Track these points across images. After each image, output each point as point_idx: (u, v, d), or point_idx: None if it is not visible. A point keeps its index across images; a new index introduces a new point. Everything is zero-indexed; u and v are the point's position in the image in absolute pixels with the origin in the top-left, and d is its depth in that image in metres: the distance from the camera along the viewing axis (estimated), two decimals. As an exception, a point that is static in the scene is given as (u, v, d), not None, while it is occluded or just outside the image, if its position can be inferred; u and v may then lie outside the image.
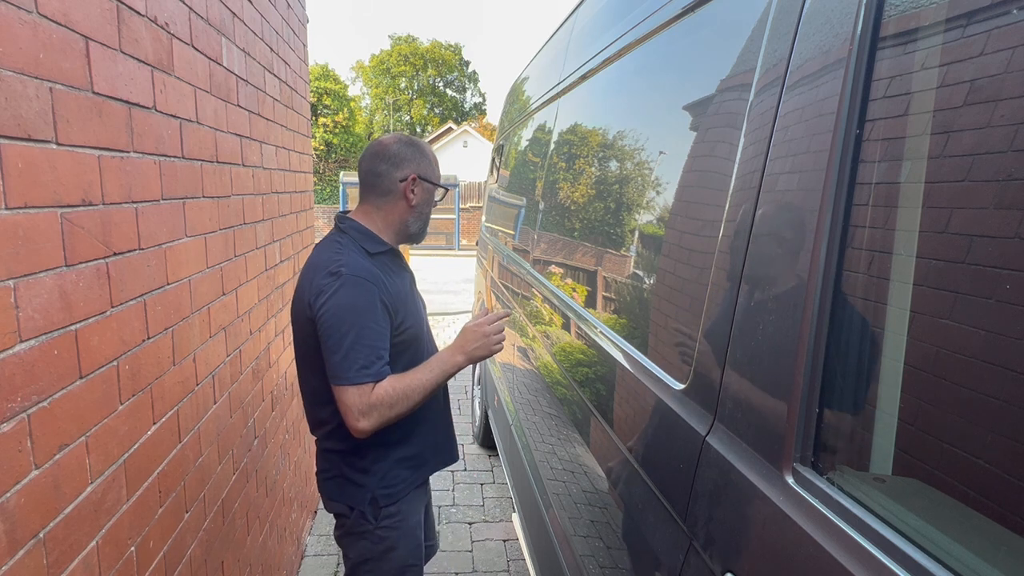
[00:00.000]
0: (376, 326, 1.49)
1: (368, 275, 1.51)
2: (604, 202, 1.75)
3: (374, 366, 1.47)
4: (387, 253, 1.64)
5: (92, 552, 1.10)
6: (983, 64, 0.61)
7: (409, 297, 1.66)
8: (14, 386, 0.90)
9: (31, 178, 0.94)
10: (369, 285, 1.50)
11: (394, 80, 44.12)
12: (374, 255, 1.59)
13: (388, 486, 1.65)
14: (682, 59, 1.33)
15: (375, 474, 1.64)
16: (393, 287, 1.58)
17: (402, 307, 1.59)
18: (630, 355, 1.34)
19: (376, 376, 1.47)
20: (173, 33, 1.46)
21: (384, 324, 1.52)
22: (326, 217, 17.44)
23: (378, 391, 1.47)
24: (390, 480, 1.65)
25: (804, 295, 0.78)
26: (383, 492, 1.64)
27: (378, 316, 1.50)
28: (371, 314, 1.49)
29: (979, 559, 0.57)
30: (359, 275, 1.50)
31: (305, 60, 3.14)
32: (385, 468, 1.65)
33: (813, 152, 0.80)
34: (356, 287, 1.49)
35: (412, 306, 1.66)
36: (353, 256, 1.54)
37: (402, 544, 1.69)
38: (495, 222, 3.98)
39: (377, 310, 1.50)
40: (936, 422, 0.65)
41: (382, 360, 1.50)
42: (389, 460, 1.65)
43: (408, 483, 1.69)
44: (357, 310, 1.48)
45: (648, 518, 1.15)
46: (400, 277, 1.66)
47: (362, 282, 1.49)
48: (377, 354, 1.49)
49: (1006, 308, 0.57)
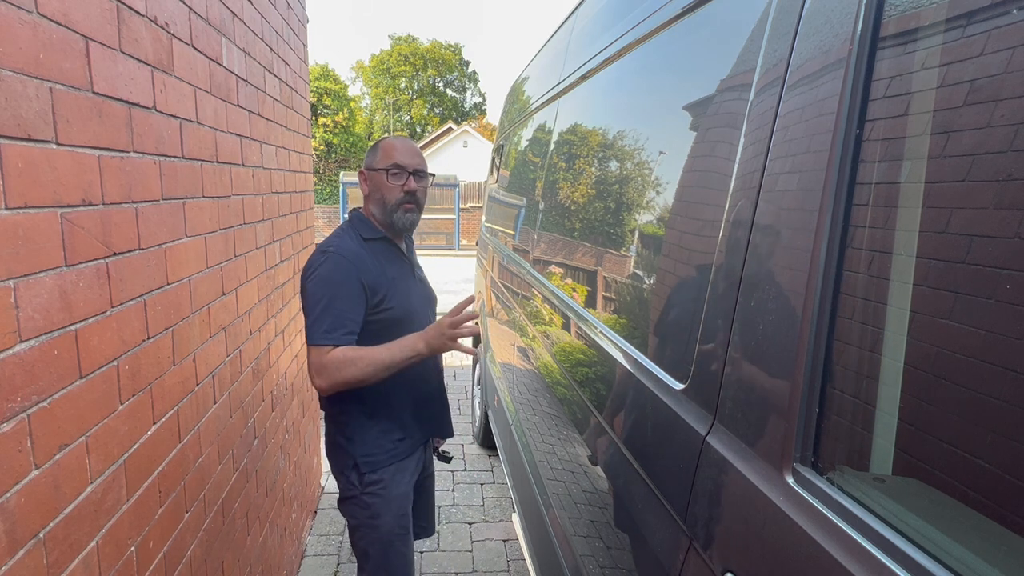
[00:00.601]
0: (347, 299, 1.66)
1: (351, 255, 1.70)
2: (604, 202, 1.75)
3: (336, 332, 1.64)
4: (380, 240, 1.81)
5: (92, 552, 1.10)
6: (983, 64, 0.61)
7: (400, 282, 1.81)
8: (14, 386, 0.90)
9: (31, 178, 0.94)
10: (348, 263, 1.68)
11: (394, 80, 44.12)
12: (367, 240, 1.79)
13: (369, 454, 1.80)
14: (682, 59, 1.33)
15: (358, 442, 1.80)
16: (378, 269, 1.74)
17: (385, 289, 1.74)
18: (630, 355, 1.34)
19: (335, 341, 1.64)
20: (173, 33, 1.46)
21: (357, 299, 1.68)
22: (326, 217, 17.45)
23: (332, 353, 1.63)
24: (371, 448, 1.80)
25: (804, 295, 0.78)
26: (364, 459, 1.80)
27: (352, 291, 1.67)
28: (345, 287, 1.67)
29: (979, 559, 0.57)
30: (342, 254, 1.70)
31: (305, 60, 3.14)
32: (368, 437, 1.80)
33: (813, 152, 0.80)
34: (336, 264, 1.68)
35: (401, 291, 1.79)
36: (345, 240, 1.76)
37: (385, 512, 1.80)
38: (495, 222, 3.98)
39: (352, 285, 1.67)
40: (936, 422, 0.65)
41: (345, 328, 1.65)
42: (372, 430, 1.81)
43: (391, 454, 1.82)
44: (332, 282, 1.67)
45: (648, 518, 1.15)
46: (393, 263, 1.82)
47: (343, 260, 1.69)
48: (341, 322, 1.65)
49: (1006, 308, 0.57)
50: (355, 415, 1.81)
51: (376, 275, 1.73)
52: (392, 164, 1.77)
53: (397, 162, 1.78)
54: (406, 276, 1.86)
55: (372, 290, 1.71)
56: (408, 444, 1.88)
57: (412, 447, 1.89)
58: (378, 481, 1.81)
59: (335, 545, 3.11)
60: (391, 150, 1.80)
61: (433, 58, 44.46)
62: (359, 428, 1.81)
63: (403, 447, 1.86)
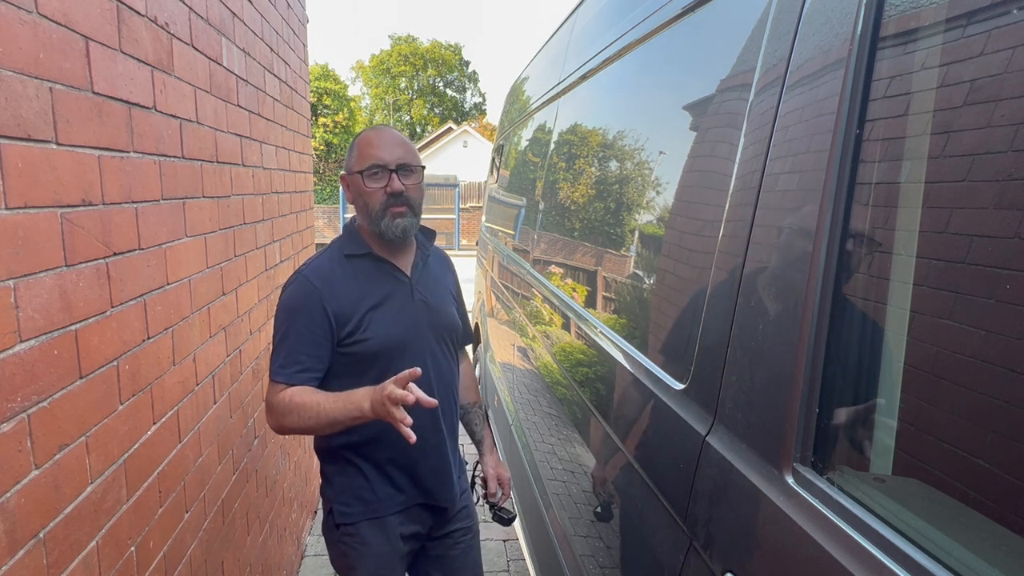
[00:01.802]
0: (304, 330, 1.45)
1: (318, 279, 1.48)
2: (604, 202, 1.75)
3: (288, 368, 1.45)
4: (365, 257, 1.54)
5: (92, 552, 1.10)
6: (983, 64, 0.61)
7: (386, 308, 1.51)
8: (14, 386, 0.90)
9: (31, 178, 0.94)
10: (312, 289, 1.46)
11: (394, 80, 44.11)
12: (349, 258, 1.53)
13: (343, 504, 1.58)
14: (682, 59, 1.33)
15: (335, 487, 1.60)
16: (354, 295, 1.49)
17: (359, 318, 1.48)
18: (630, 355, 1.34)
19: (286, 379, 1.45)
20: (173, 33, 1.46)
21: (317, 330, 1.46)
22: (326, 217, 17.44)
23: (282, 394, 1.44)
24: (347, 498, 1.58)
25: (804, 295, 0.78)
26: (338, 508, 1.59)
27: (311, 320, 1.45)
28: (302, 317, 1.46)
29: (979, 559, 0.57)
30: (308, 278, 1.48)
31: (305, 60, 3.14)
32: (343, 485, 1.59)
33: (813, 152, 0.80)
34: (299, 288, 1.48)
35: (385, 319, 1.51)
36: (322, 259, 1.54)
37: (361, 568, 1.58)
38: (495, 222, 3.98)
39: (312, 314, 1.45)
40: (936, 422, 0.65)
41: (299, 365, 1.45)
42: (347, 478, 1.59)
43: (368, 508, 1.58)
44: (289, 311, 1.48)
45: (648, 518, 1.15)
46: (380, 285, 1.53)
47: (307, 285, 1.47)
48: (295, 358, 1.45)
49: (1006, 308, 0.57)
50: (337, 455, 1.59)
51: (349, 302, 1.47)
52: (370, 164, 1.47)
53: (375, 161, 1.47)
54: (397, 300, 1.54)
55: (339, 319, 1.46)
56: (398, 501, 1.59)
57: (403, 504, 1.60)
58: (353, 535, 1.57)
59: (335, 545, 3.12)
60: (367, 147, 1.50)
61: (433, 58, 44.46)
62: (339, 472, 1.59)
63: (388, 504, 1.58)
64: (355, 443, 1.55)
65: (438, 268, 1.71)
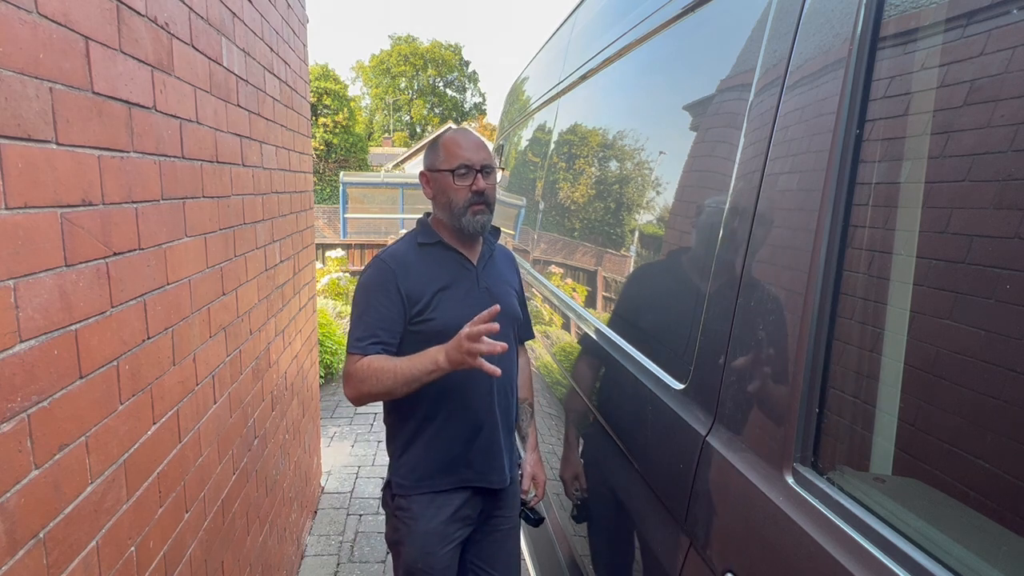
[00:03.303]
0: (381, 307, 1.59)
1: (394, 261, 1.63)
2: (604, 202, 1.75)
3: (365, 341, 1.58)
4: (436, 245, 1.69)
5: (92, 552, 1.10)
6: (983, 64, 0.61)
7: (452, 292, 1.65)
8: (14, 386, 0.90)
9: (31, 178, 0.94)
10: (388, 269, 1.61)
11: (394, 80, 44.10)
12: (422, 245, 1.69)
13: (401, 476, 1.70)
14: (682, 59, 1.33)
15: (396, 459, 1.73)
16: (426, 277, 1.63)
17: (428, 298, 1.62)
18: (630, 355, 1.34)
19: (363, 351, 1.57)
20: (173, 33, 1.46)
21: (393, 307, 1.60)
22: (326, 217, 17.41)
23: (359, 363, 1.56)
24: (404, 472, 1.70)
25: (804, 295, 0.78)
26: (396, 480, 1.71)
27: (387, 298, 1.59)
28: (379, 295, 1.60)
29: (979, 559, 0.57)
30: (385, 260, 1.64)
31: (305, 60, 3.14)
32: (405, 459, 1.70)
33: (813, 152, 0.80)
34: (377, 270, 1.63)
35: (452, 301, 1.64)
36: (400, 244, 1.70)
37: (409, 543, 1.67)
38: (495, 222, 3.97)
39: (389, 292, 1.60)
40: (936, 422, 0.65)
41: (375, 338, 1.58)
42: (410, 454, 1.70)
43: (420, 484, 1.68)
44: (368, 289, 1.62)
45: (648, 518, 1.15)
46: (448, 271, 1.67)
47: (384, 266, 1.62)
48: (372, 331, 1.58)
49: (1006, 308, 0.57)
50: (401, 432, 1.71)
51: (420, 283, 1.62)
52: (459, 164, 1.61)
53: (464, 162, 1.61)
54: (463, 286, 1.68)
55: (411, 299, 1.60)
56: (454, 479, 1.68)
57: (456, 483, 1.69)
58: (406, 508, 1.68)
59: (335, 545, 3.11)
60: (455, 147, 1.64)
61: (433, 58, 44.45)
62: (401, 447, 1.71)
63: (442, 480, 1.68)
64: (414, 418, 1.67)
65: (503, 264, 1.85)
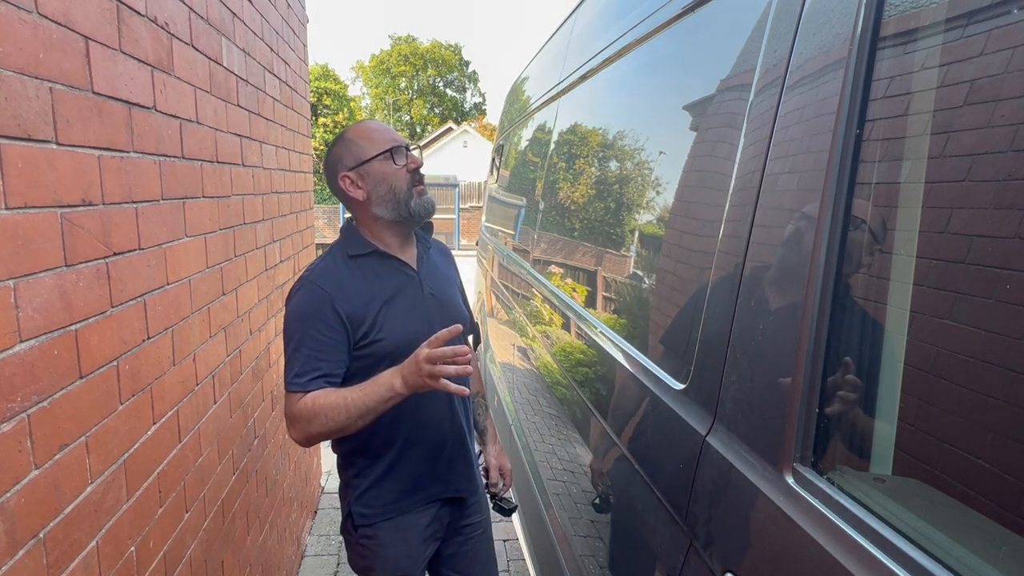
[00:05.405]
0: (319, 335, 1.42)
1: (326, 281, 1.45)
2: (604, 202, 1.75)
3: (305, 376, 1.41)
4: (371, 256, 1.51)
5: (92, 552, 1.10)
6: (983, 64, 0.61)
7: (397, 305, 1.50)
8: (14, 386, 0.90)
9: (31, 178, 0.94)
10: (321, 292, 1.43)
11: (394, 80, 44.09)
12: (354, 258, 1.51)
13: (364, 506, 1.57)
14: (682, 59, 1.33)
15: (354, 488, 1.59)
16: (365, 294, 1.47)
17: (372, 317, 1.46)
18: (630, 355, 1.34)
19: (304, 387, 1.40)
20: (173, 33, 1.46)
21: (333, 334, 1.43)
22: (326, 217, 17.42)
23: (299, 404, 1.40)
24: (366, 500, 1.57)
25: (804, 295, 0.78)
26: (357, 510, 1.58)
27: (325, 325, 1.42)
28: (315, 322, 1.42)
29: (979, 559, 0.57)
30: (315, 281, 1.45)
31: (305, 60, 3.14)
32: (364, 486, 1.57)
33: (813, 152, 0.80)
34: (308, 294, 1.44)
35: (398, 315, 1.49)
36: (326, 261, 1.51)
37: (379, 569, 1.59)
38: (495, 222, 3.98)
39: (325, 318, 1.42)
40: (936, 422, 0.65)
41: (317, 371, 1.41)
42: (369, 478, 1.57)
43: (388, 508, 1.57)
44: (302, 317, 1.44)
45: (648, 518, 1.15)
46: (389, 281, 1.51)
47: (315, 288, 1.44)
48: (312, 364, 1.41)
49: (1006, 308, 0.57)
50: (358, 461, 1.58)
51: (361, 302, 1.45)
52: (389, 146, 1.48)
53: (392, 143, 1.49)
54: (408, 296, 1.52)
55: (352, 321, 1.44)
56: (418, 498, 1.59)
57: (423, 501, 1.60)
58: (372, 537, 1.58)
59: (335, 545, 3.11)
60: (372, 133, 1.51)
61: (433, 58, 44.44)
62: (358, 474, 1.58)
63: (407, 502, 1.59)
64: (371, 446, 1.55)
65: (441, 260, 1.69)
